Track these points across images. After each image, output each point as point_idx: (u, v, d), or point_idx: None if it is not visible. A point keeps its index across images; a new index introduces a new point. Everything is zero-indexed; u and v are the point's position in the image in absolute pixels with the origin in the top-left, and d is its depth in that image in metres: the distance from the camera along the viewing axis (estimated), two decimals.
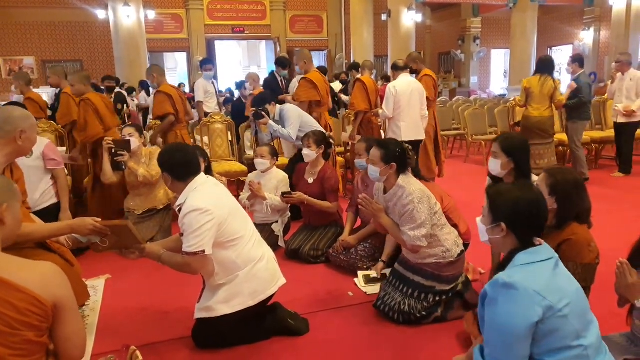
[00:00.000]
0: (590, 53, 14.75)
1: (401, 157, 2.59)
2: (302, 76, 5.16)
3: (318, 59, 17.08)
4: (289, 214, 3.94)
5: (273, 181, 3.81)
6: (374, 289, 2.95)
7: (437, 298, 2.58)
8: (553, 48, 17.24)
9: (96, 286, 3.21)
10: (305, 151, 3.70)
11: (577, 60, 5.85)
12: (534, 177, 2.57)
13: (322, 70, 7.67)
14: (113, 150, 3.72)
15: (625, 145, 6.07)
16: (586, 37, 15.05)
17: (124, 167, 3.76)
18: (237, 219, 2.36)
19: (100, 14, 13.72)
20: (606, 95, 6.76)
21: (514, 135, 2.70)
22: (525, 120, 5.53)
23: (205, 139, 5.57)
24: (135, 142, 3.81)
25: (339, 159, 5.45)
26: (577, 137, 5.82)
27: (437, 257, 2.57)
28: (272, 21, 16.63)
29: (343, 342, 2.47)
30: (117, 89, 9.06)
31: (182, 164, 2.32)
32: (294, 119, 4.31)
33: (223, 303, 2.33)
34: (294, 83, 6.57)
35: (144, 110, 9.39)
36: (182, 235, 2.26)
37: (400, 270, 2.76)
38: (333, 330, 2.60)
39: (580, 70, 5.79)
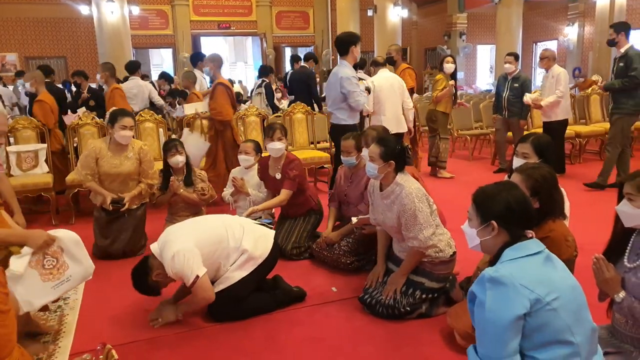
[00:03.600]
0: (574, 48, 14.89)
1: (400, 154, 2.57)
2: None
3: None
4: (273, 210, 3.91)
5: (256, 177, 3.77)
6: None
7: (424, 295, 2.56)
8: (538, 43, 17.38)
9: None
10: (277, 145, 3.54)
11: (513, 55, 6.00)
12: None
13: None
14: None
15: (557, 144, 5.96)
16: (570, 33, 15.18)
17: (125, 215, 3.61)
18: (215, 232, 2.62)
19: (84, 9, 13.54)
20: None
21: (543, 135, 2.70)
22: None
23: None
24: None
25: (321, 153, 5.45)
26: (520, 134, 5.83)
27: (429, 257, 2.56)
28: (258, 17, 16.53)
29: (326, 339, 2.46)
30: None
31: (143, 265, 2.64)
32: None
33: (238, 270, 2.61)
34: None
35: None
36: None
37: (389, 265, 2.75)
38: (316, 326, 2.58)
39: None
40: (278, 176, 3.57)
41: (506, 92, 5.93)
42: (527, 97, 5.73)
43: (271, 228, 3.00)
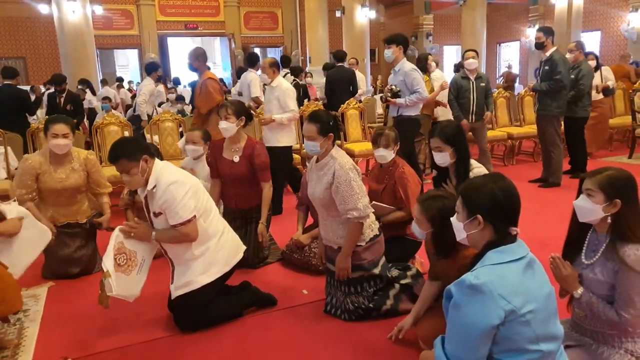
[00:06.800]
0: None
1: (334, 126, 2.58)
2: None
3: (274, 55, 16.96)
4: (222, 203, 3.60)
5: (207, 167, 3.55)
6: None
7: (374, 284, 2.56)
8: (502, 44, 17.83)
9: (38, 295, 3.05)
10: (222, 124, 3.27)
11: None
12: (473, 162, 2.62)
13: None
14: None
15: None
16: (532, 34, 15.64)
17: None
18: (203, 192, 2.57)
19: (43, 8, 13.10)
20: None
21: (448, 125, 2.76)
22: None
23: (156, 137, 5.41)
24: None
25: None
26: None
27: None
28: (226, 17, 16.39)
29: (296, 341, 2.45)
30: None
31: (147, 143, 2.55)
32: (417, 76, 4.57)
33: (202, 274, 2.50)
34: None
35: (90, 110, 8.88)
36: (156, 215, 2.42)
37: (332, 268, 2.69)
38: (287, 329, 2.57)
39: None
40: (236, 159, 3.33)
41: (474, 94, 5.36)
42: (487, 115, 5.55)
43: None
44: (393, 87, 4.68)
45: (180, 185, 2.36)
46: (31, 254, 2.67)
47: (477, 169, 2.59)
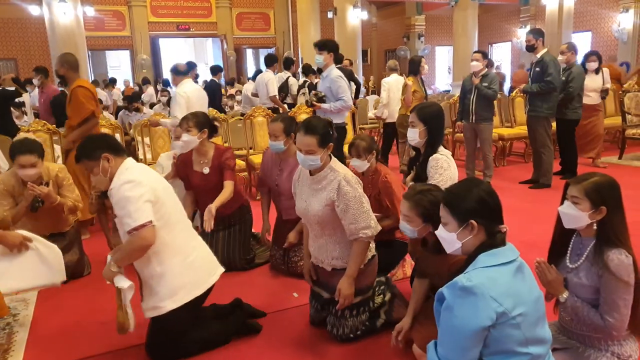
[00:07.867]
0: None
1: (331, 135, 2.33)
2: None
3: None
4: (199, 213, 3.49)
5: None
6: None
7: (367, 308, 2.46)
8: (493, 45, 17.93)
9: (27, 299, 3.03)
10: (184, 137, 3.16)
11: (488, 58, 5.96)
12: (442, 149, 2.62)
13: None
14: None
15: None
16: (523, 35, 15.74)
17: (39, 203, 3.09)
18: (170, 200, 2.29)
19: (34, 10, 13.02)
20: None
21: (430, 104, 2.78)
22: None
23: (147, 139, 5.39)
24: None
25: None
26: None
27: (345, 260, 2.36)
28: (218, 18, 16.36)
29: (287, 346, 2.44)
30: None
31: (114, 140, 2.36)
32: (343, 84, 4.54)
33: (168, 299, 2.22)
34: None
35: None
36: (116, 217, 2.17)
37: (319, 291, 2.55)
38: (277, 333, 2.57)
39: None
40: (206, 171, 3.21)
41: (474, 95, 5.26)
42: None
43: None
44: (319, 92, 4.71)
45: (136, 186, 2.09)
46: (20, 283, 2.55)
47: (440, 155, 2.54)
